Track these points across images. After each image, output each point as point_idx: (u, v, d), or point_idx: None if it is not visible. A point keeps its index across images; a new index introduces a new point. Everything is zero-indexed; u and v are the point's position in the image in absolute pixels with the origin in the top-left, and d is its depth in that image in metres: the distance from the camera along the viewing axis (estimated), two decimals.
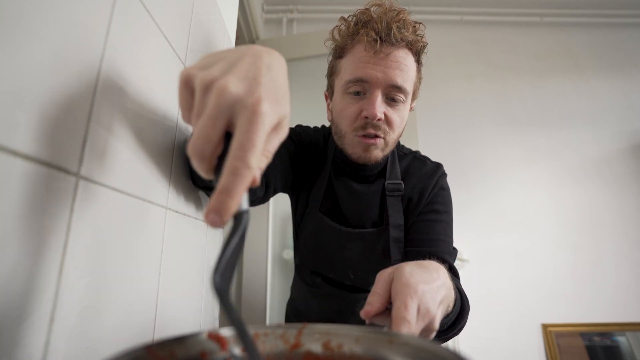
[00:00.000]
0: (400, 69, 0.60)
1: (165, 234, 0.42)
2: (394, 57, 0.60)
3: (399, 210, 0.70)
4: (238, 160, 0.21)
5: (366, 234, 0.70)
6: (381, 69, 0.59)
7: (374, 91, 0.60)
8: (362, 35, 0.60)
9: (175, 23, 0.46)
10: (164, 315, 0.41)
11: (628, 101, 2.09)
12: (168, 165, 0.44)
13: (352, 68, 0.62)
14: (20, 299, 0.22)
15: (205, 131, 0.23)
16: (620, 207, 1.91)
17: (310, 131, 0.78)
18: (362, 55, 0.60)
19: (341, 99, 0.65)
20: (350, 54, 0.63)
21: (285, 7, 2.13)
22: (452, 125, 2.04)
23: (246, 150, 0.22)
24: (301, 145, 0.74)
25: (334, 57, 0.69)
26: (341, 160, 0.71)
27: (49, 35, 0.24)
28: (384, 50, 0.59)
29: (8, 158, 0.21)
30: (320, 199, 0.73)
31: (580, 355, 1.66)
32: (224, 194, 0.21)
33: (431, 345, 0.24)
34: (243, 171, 0.21)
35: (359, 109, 0.62)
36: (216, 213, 0.21)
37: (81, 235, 0.27)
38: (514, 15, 2.21)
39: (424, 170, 0.72)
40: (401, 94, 0.62)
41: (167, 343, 0.24)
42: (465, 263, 1.82)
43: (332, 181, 0.73)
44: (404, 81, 0.61)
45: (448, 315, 0.46)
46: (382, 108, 0.61)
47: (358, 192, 0.71)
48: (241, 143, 0.22)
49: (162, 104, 0.43)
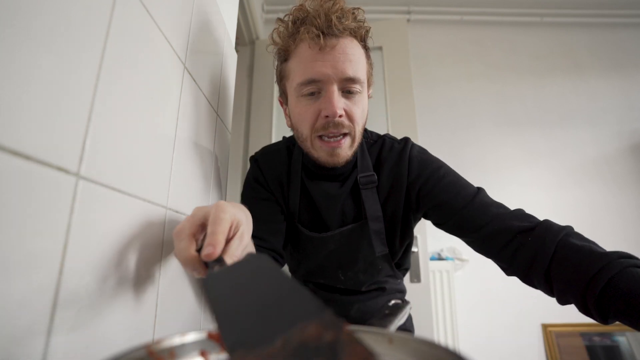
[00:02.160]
0: (349, 59, 0.58)
1: (165, 234, 0.42)
2: (340, 48, 0.58)
3: (375, 202, 0.67)
4: (212, 220, 0.35)
5: (346, 232, 0.68)
6: (330, 64, 0.57)
7: (329, 88, 0.58)
8: (304, 34, 0.58)
9: (175, 23, 0.46)
10: (164, 315, 0.42)
11: (628, 101, 2.09)
12: (168, 165, 0.44)
13: (301, 69, 0.59)
14: (21, 299, 0.22)
15: (188, 222, 0.37)
16: (620, 207, 1.92)
17: (270, 149, 0.77)
18: (308, 54, 0.58)
19: (296, 102, 0.62)
20: (296, 55, 0.61)
21: (285, 7, 2.12)
22: (452, 125, 2.04)
23: (216, 215, 0.36)
24: (263, 176, 0.73)
25: (279, 62, 0.66)
26: (311, 164, 0.69)
27: (49, 35, 0.24)
28: (329, 43, 0.57)
29: (8, 158, 0.21)
30: (297, 210, 0.71)
31: (580, 355, 1.66)
32: (210, 236, 0.34)
33: (431, 344, 0.24)
34: (218, 221, 0.35)
35: (317, 110, 0.59)
36: (208, 245, 0.33)
37: (81, 235, 0.27)
38: (514, 15, 2.21)
39: (394, 152, 0.68)
40: (356, 84, 0.59)
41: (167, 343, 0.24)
42: (465, 263, 1.82)
43: (306, 185, 0.71)
44: (355, 71, 0.59)
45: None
46: (341, 104, 0.59)
47: (332, 193, 0.69)
48: (212, 219, 0.35)
49: (162, 104, 0.43)
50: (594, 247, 0.48)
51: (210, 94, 0.62)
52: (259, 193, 0.71)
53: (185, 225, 0.36)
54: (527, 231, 0.54)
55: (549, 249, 0.50)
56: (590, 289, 0.44)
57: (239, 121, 1.74)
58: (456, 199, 0.61)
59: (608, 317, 0.43)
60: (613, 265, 0.43)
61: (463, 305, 1.78)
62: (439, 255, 1.83)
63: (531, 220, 0.55)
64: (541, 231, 0.52)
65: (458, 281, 1.82)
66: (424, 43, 2.16)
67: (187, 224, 0.36)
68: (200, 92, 0.57)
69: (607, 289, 0.43)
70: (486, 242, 0.58)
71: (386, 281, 0.75)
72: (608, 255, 0.45)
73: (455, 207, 0.60)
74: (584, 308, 0.46)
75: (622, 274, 0.42)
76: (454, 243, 1.84)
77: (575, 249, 0.48)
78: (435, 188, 0.63)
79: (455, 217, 0.61)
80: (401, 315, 0.48)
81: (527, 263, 0.52)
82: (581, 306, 0.46)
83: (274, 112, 1.69)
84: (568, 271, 0.47)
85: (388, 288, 0.76)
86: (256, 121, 1.70)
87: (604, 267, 0.44)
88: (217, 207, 0.37)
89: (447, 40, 2.18)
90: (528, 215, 0.57)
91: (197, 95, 0.55)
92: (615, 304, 0.42)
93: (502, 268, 0.59)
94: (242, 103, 1.78)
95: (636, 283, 0.41)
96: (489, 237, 0.57)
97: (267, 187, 0.72)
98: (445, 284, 1.72)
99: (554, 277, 0.49)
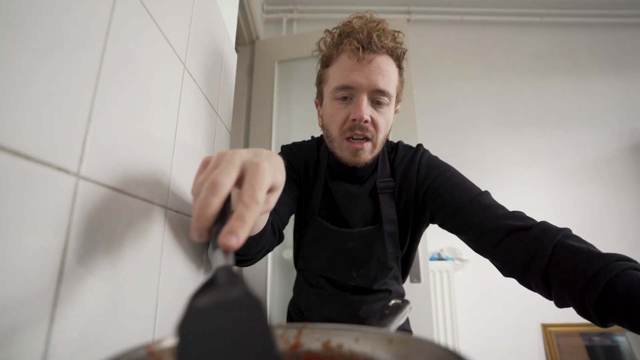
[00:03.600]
0: (382, 74, 0.64)
1: (165, 234, 0.42)
2: (376, 63, 0.64)
3: (391, 207, 0.73)
4: (249, 196, 0.26)
5: (364, 233, 0.73)
6: (365, 75, 0.64)
7: (360, 96, 0.65)
8: (346, 45, 0.65)
9: (175, 23, 0.46)
10: (164, 315, 0.42)
11: (628, 101, 2.09)
12: (168, 165, 0.44)
13: (339, 76, 0.66)
14: (21, 299, 0.22)
15: (220, 178, 0.27)
16: (620, 207, 1.92)
17: (303, 144, 0.83)
18: (347, 64, 0.65)
19: (330, 104, 0.69)
20: (336, 63, 0.68)
21: (285, 7, 2.13)
22: (452, 125, 2.04)
23: (254, 189, 0.27)
24: (295, 162, 0.78)
25: (321, 67, 0.74)
26: (335, 163, 0.75)
27: (49, 35, 0.24)
28: (367, 57, 0.64)
29: (8, 158, 0.21)
30: (319, 205, 0.76)
31: (580, 355, 1.67)
32: (238, 220, 0.25)
33: (431, 344, 0.24)
34: (253, 204, 0.26)
35: (347, 113, 0.66)
36: (232, 234, 0.24)
37: (81, 235, 0.27)
38: (514, 15, 2.21)
39: (407, 158, 0.75)
40: (385, 97, 0.66)
41: (167, 343, 0.24)
42: (465, 263, 1.82)
43: (329, 185, 0.76)
44: (386, 85, 0.65)
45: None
46: (368, 111, 0.65)
47: (352, 193, 0.74)
48: (250, 184, 0.27)
49: (162, 104, 0.43)
50: (592, 248, 0.48)
51: (210, 94, 0.62)
52: (289, 171, 0.75)
53: (225, 180, 0.27)
54: (521, 230, 0.54)
55: (547, 251, 0.50)
56: (589, 291, 0.44)
57: (239, 121, 1.74)
58: (459, 198, 0.63)
59: (607, 321, 0.43)
60: (611, 268, 0.43)
61: (463, 305, 1.78)
62: (439, 255, 1.83)
63: (527, 221, 0.56)
64: (538, 232, 0.52)
65: (458, 281, 1.82)
66: (424, 43, 2.16)
67: (227, 180, 0.28)
68: (200, 92, 0.57)
69: (605, 292, 0.42)
70: (480, 239, 0.59)
71: (392, 284, 0.78)
72: (606, 257, 0.45)
73: (457, 206, 0.63)
74: (583, 311, 0.46)
75: (620, 277, 0.42)
76: (453, 243, 1.84)
77: (572, 250, 0.48)
78: (440, 188, 0.67)
79: (455, 216, 0.63)
80: (401, 315, 0.48)
81: (524, 264, 0.52)
82: (579, 309, 0.46)
83: (274, 112, 1.69)
84: (565, 273, 0.47)
85: (393, 291, 0.79)
86: (256, 121, 1.70)
87: (602, 269, 0.44)
88: (258, 167, 0.28)
89: (447, 40, 2.18)
90: (525, 217, 0.58)
91: (197, 95, 0.55)
92: (614, 307, 0.41)
93: (498, 268, 0.59)
94: (242, 103, 1.78)
95: (635, 286, 0.41)
96: (483, 235, 0.59)
97: (298, 172, 0.78)
98: (445, 284, 1.72)
99: (551, 279, 0.49)
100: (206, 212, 0.26)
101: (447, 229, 0.67)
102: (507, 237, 0.55)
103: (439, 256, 1.83)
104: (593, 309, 0.44)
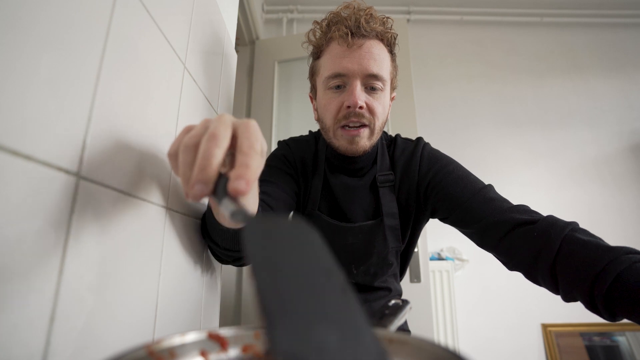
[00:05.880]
0: (374, 58, 0.63)
1: (165, 234, 0.42)
2: (366, 47, 0.63)
3: (392, 200, 0.71)
4: (247, 147, 0.27)
5: (365, 227, 0.71)
6: (356, 60, 0.63)
7: (353, 82, 0.63)
8: (334, 32, 0.64)
9: (175, 23, 0.46)
10: (164, 315, 0.42)
11: (628, 101, 2.09)
12: (168, 165, 0.44)
13: (330, 64, 0.65)
14: (21, 299, 0.22)
15: (219, 131, 0.27)
16: (620, 208, 1.92)
17: (300, 138, 0.82)
18: (337, 51, 0.64)
19: (324, 95, 0.68)
20: (327, 52, 0.67)
21: (285, 7, 2.13)
22: (452, 125, 2.04)
23: (250, 140, 0.27)
24: (292, 157, 0.77)
25: (313, 59, 0.73)
26: (333, 156, 0.73)
27: (49, 35, 0.24)
28: (356, 42, 0.63)
29: (8, 158, 0.21)
30: (318, 199, 0.74)
31: (580, 355, 1.67)
32: (242, 166, 0.25)
33: (431, 344, 0.24)
34: (253, 152, 0.27)
35: (341, 101, 0.65)
36: (241, 178, 0.24)
37: (81, 235, 0.27)
38: (514, 15, 2.21)
39: (407, 151, 0.73)
40: (378, 81, 0.64)
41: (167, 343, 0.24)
42: (465, 263, 1.82)
43: (328, 178, 0.75)
44: (379, 69, 0.63)
45: None
46: (363, 97, 0.63)
47: (351, 186, 0.73)
48: (246, 136, 0.28)
49: (162, 104, 0.43)
50: (600, 242, 0.47)
51: (210, 94, 0.62)
52: (284, 166, 0.74)
53: (224, 132, 0.27)
54: (527, 224, 0.53)
55: (555, 244, 0.49)
56: (598, 285, 0.43)
57: None
58: (462, 191, 0.63)
59: (616, 315, 0.42)
60: (621, 261, 0.42)
61: (463, 305, 1.78)
62: (439, 255, 1.83)
63: (532, 215, 0.55)
64: (546, 226, 0.51)
65: (458, 281, 1.82)
66: (424, 43, 2.16)
67: (226, 133, 0.27)
68: (200, 92, 0.57)
69: (615, 285, 0.41)
70: (485, 233, 0.58)
71: (392, 281, 0.78)
72: (615, 250, 0.44)
73: (460, 200, 0.62)
74: (591, 304, 0.45)
75: (630, 270, 0.41)
76: (453, 243, 1.84)
77: (581, 243, 0.47)
78: (442, 181, 0.66)
79: (458, 209, 0.62)
80: (401, 315, 0.48)
81: (531, 258, 0.51)
82: (588, 303, 0.45)
83: (273, 112, 1.69)
84: (574, 266, 0.46)
85: (393, 289, 0.78)
86: (256, 121, 1.70)
87: (611, 262, 0.43)
88: (249, 124, 0.29)
89: (447, 40, 2.18)
90: (531, 210, 0.57)
91: (197, 95, 0.55)
92: (624, 301, 0.40)
93: (503, 262, 0.58)
94: (242, 103, 1.78)
95: None
96: (488, 229, 0.57)
97: (294, 167, 0.76)
98: (445, 284, 1.72)
99: (559, 273, 0.48)
100: (211, 162, 0.25)
101: (449, 223, 0.66)
102: (513, 230, 0.54)
103: (439, 256, 1.83)
104: (602, 302, 0.43)
